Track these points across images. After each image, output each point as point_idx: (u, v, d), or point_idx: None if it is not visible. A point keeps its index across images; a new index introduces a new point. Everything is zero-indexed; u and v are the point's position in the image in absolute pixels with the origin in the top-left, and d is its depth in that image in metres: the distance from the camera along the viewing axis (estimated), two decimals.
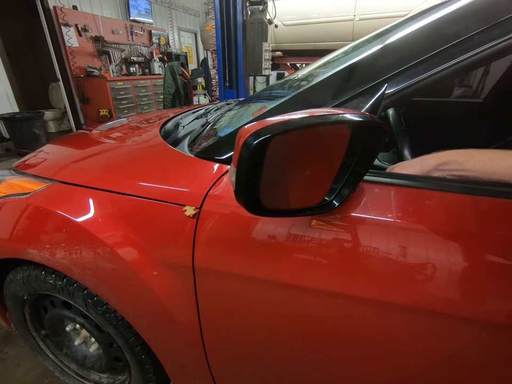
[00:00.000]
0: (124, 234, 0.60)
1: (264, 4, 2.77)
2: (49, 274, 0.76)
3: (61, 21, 4.13)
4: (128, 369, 0.86)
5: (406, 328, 0.46)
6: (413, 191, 0.46)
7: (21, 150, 3.70)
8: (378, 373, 0.52)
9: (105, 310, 0.72)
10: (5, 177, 0.82)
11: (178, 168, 0.63)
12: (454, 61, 0.46)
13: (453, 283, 0.41)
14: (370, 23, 3.22)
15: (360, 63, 0.60)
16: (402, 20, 0.74)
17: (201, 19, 7.65)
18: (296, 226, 0.48)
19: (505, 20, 0.44)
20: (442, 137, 1.04)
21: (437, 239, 0.42)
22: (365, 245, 0.45)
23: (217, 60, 3.10)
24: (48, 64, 4.43)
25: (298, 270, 0.48)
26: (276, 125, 0.33)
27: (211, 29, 3.41)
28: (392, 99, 0.49)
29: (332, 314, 0.49)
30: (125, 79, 4.86)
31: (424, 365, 0.47)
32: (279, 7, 3.13)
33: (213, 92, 4.01)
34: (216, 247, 0.54)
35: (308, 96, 0.61)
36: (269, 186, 0.38)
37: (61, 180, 0.70)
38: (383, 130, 0.37)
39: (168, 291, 0.60)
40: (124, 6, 5.28)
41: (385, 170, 0.52)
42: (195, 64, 7.40)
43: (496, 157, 0.43)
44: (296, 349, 0.57)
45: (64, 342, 0.97)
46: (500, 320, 0.40)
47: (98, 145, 0.86)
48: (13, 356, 1.18)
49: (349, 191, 0.43)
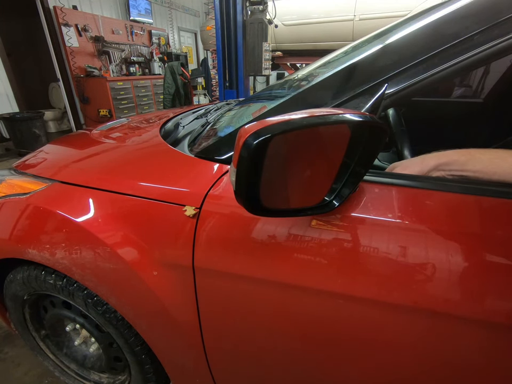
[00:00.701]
0: (124, 234, 0.60)
1: (264, 3, 2.77)
2: (49, 274, 0.76)
3: (61, 21, 4.13)
4: (128, 369, 0.86)
5: (406, 328, 0.46)
6: (413, 191, 0.46)
7: (21, 150, 3.70)
8: (378, 373, 0.52)
9: (105, 310, 0.72)
10: (5, 177, 0.82)
11: (178, 168, 0.63)
12: (454, 61, 0.46)
13: (453, 283, 0.41)
14: (370, 23, 3.22)
15: (360, 63, 0.60)
16: (402, 20, 0.74)
17: (201, 19, 7.65)
18: (296, 226, 0.48)
19: (505, 20, 0.44)
20: (442, 137, 1.04)
21: (437, 239, 0.42)
22: (365, 245, 0.45)
23: (217, 60, 3.10)
24: (48, 64, 4.43)
25: (299, 270, 0.48)
26: (275, 125, 0.33)
27: (211, 29, 3.41)
28: (392, 99, 0.49)
29: (332, 314, 0.49)
30: (125, 79, 4.86)
31: (424, 365, 0.47)
32: (279, 7, 3.13)
33: (213, 91, 4.01)
34: (216, 247, 0.54)
35: (308, 96, 0.61)
36: (269, 186, 0.38)
37: (61, 180, 0.70)
38: (383, 130, 0.37)
39: (168, 291, 0.60)
40: (124, 6, 5.28)
41: (385, 169, 0.52)
42: (195, 64, 7.40)
43: (497, 157, 0.43)
44: (296, 348, 0.57)
45: (64, 342, 0.97)
46: (500, 320, 0.40)
47: (98, 145, 0.86)
48: (13, 356, 1.18)
49: (349, 191, 0.43)
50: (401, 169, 0.49)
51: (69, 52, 4.33)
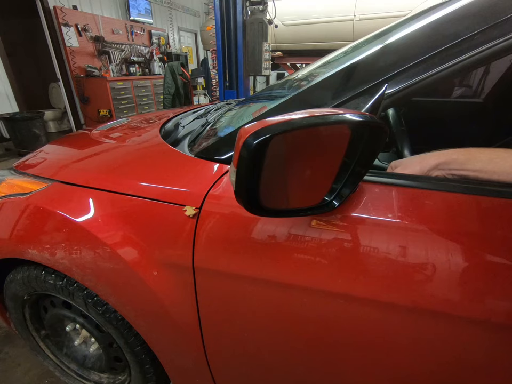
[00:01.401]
0: (123, 234, 0.60)
1: (264, 3, 2.76)
2: (49, 274, 0.76)
3: (61, 21, 4.13)
4: (128, 369, 0.86)
5: (406, 328, 0.46)
6: (413, 191, 0.46)
7: (21, 150, 3.70)
8: (378, 373, 0.52)
9: (105, 310, 0.72)
10: (5, 177, 0.82)
11: (178, 168, 0.63)
12: (454, 61, 0.46)
13: (453, 283, 0.41)
14: (370, 23, 3.22)
15: (360, 63, 0.60)
16: (402, 20, 0.74)
17: (201, 19, 7.65)
18: (296, 226, 0.48)
19: (505, 20, 0.44)
20: (442, 137, 1.04)
21: (437, 239, 0.42)
22: (365, 245, 0.45)
23: (217, 60, 3.10)
24: (48, 64, 4.43)
25: (299, 270, 0.48)
26: (275, 125, 0.33)
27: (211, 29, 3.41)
28: (392, 99, 0.49)
29: (332, 314, 0.49)
30: (125, 79, 4.86)
31: (424, 365, 0.47)
32: (279, 7, 3.13)
33: (213, 92, 4.01)
34: (216, 247, 0.54)
35: (308, 96, 0.61)
36: (269, 186, 0.38)
37: (61, 180, 0.70)
38: (383, 130, 0.37)
39: (168, 291, 0.60)
40: (124, 6, 5.28)
41: (386, 169, 0.52)
42: (195, 64, 7.40)
43: (497, 157, 0.43)
44: (296, 348, 0.57)
45: (64, 342, 0.97)
46: (500, 320, 0.40)
47: (98, 145, 0.86)
48: (13, 356, 1.18)
49: (349, 191, 0.43)
50: (401, 169, 0.49)
51: (69, 52, 4.33)
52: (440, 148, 0.47)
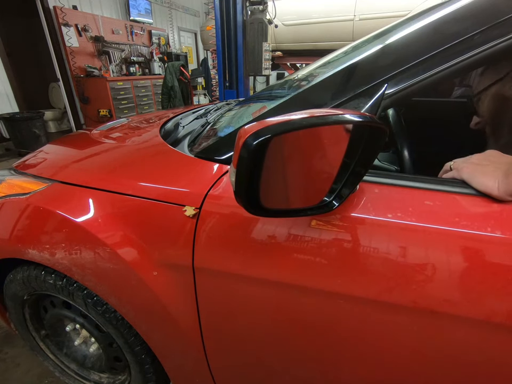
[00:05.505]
0: (123, 235, 0.60)
1: (264, 3, 2.76)
2: (49, 274, 0.76)
3: (61, 21, 4.13)
4: (128, 369, 0.86)
5: (406, 328, 0.46)
6: (413, 191, 0.46)
7: (21, 150, 3.70)
8: (378, 372, 0.52)
9: (105, 310, 0.72)
10: (5, 177, 0.82)
11: (178, 168, 0.63)
12: (454, 61, 0.46)
13: (453, 283, 0.41)
14: (370, 23, 3.22)
15: (360, 63, 0.60)
16: (402, 20, 0.74)
17: (201, 19, 7.65)
18: (296, 227, 0.48)
19: (505, 20, 0.44)
20: (442, 137, 1.04)
21: (437, 239, 0.42)
22: (365, 245, 0.45)
23: (217, 60, 3.10)
24: (48, 64, 4.43)
25: (298, 270, 0.48)
26: (275, 125, 0.33)
27: (211, 29, 3.41)
28: (392, 99, 0.49)
29: (331, 314, 0.49)
30: (125, 79, 4.86)
31: (424, 365, 0.47)
32: (279, 7, 3.13)
33: (213, 92, 4.01)
34: (216, 247, 0.54)
35: (308, 96, 0.61)
36: (269, 186, 0.38)
37: (61, 180, 0.70)
38: (383, 130, 0.37)
39: (168, 291, 0.60)
40: (123, 6, 5.28)
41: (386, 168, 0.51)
42: (195, 64, 7.39)
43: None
44: (295, 348, 0.57)
45: (64, 342, 0.97)
46: (500, 320, 0.40)
47: (98, 145, 0.86)
48: (13, 356, 1.18)
49: (348, 191, 0.43)
50: (478, 184, 0.42)
51: (69, 52, 4.33)
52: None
